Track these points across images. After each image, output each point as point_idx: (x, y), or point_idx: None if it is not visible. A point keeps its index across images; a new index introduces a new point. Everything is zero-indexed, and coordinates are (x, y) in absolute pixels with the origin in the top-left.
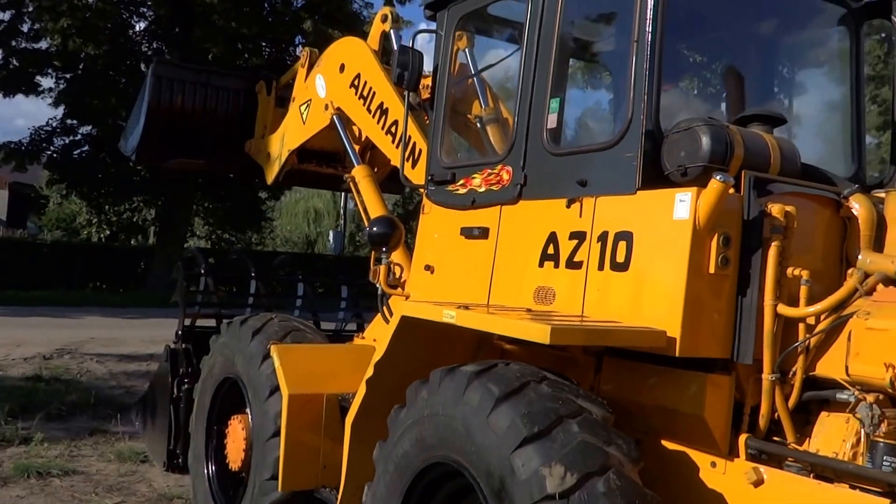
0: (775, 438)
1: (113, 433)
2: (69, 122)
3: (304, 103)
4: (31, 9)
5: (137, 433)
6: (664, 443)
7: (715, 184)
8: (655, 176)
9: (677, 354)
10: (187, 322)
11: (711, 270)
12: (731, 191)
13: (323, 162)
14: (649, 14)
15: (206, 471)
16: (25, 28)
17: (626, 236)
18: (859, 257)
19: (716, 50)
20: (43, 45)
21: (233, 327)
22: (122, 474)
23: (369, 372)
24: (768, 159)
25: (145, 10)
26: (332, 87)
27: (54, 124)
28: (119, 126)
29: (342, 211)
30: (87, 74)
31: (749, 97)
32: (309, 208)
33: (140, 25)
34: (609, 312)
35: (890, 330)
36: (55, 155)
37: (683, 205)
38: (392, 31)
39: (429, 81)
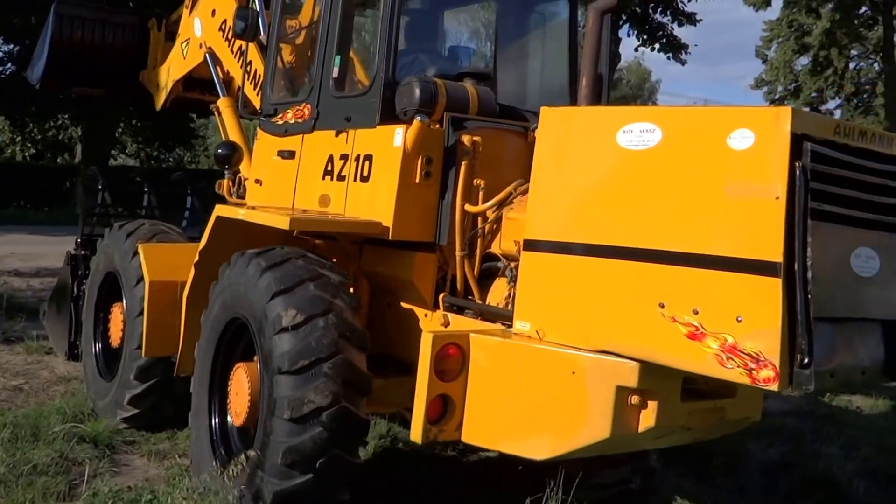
0: (470, 297)
1: (23, 333)
2: None
3: (185, 41)
4: None
5: (44, 332)
6: (402, 304)
7: (416, 122)
8: (392, 115)
9: (391, 238)
10: (86, 231)
11: (417, 181)
12: (437, 126)
13: (206, 91)
14: None
15: (93, 350)
16: None
17: (369, 157)
18: None
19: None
20: None
21: (113, 231)
22: (29, 363)
23: (196, 258)
24: (467, 104)
25: None
26: (206, 28)
27: None
28: None
29: None
30: None
31: (497, 56)
32: (247, 125)
33: None
34: (359, 211)
35: (517, 218)
36: None
37: (398, 136)
38: None
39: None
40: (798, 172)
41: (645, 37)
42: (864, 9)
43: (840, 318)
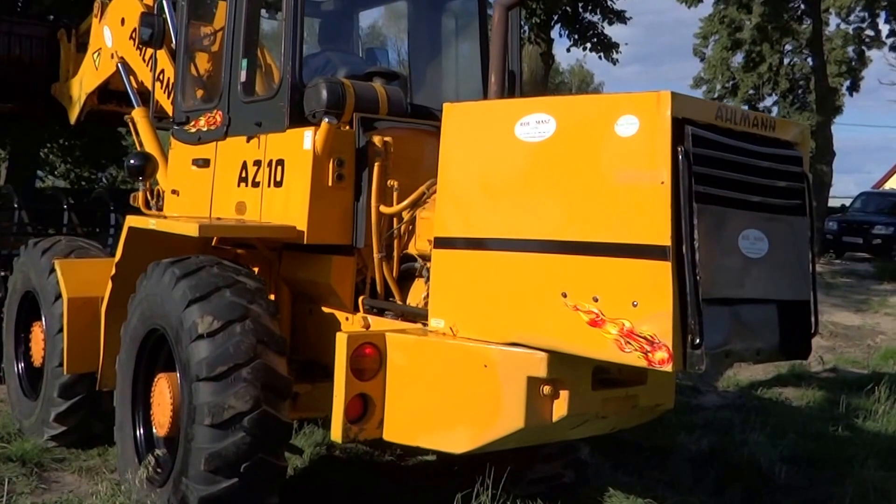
0: (391, 299)
1: None
2: None
3: (96, 51)
4: None
5: None
6: (323, 308)
7: (324, 124)
8: (301, 119)
9: (305, 242)
10: (4, 251)
11: (330, 184)
12: (347, 128)
13: (122, 102)
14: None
15: (16, 370)
16: None
17: (281, 162)
18: None
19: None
20: None
21: (28, 248)
22: None
23: (112, 271)
24: (377, 104)
25: None
26: (116, 38)
27: None
28: None
29: None
30: None
31: (410, 55)
32: (166, 136)
33: None
34: (274, 217)
35: (428, 218)
36: None
37: (308, 139)
38: None
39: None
40: (681, 157)
41: (576, 37)
42: (793, 3)
43: (734, 300)
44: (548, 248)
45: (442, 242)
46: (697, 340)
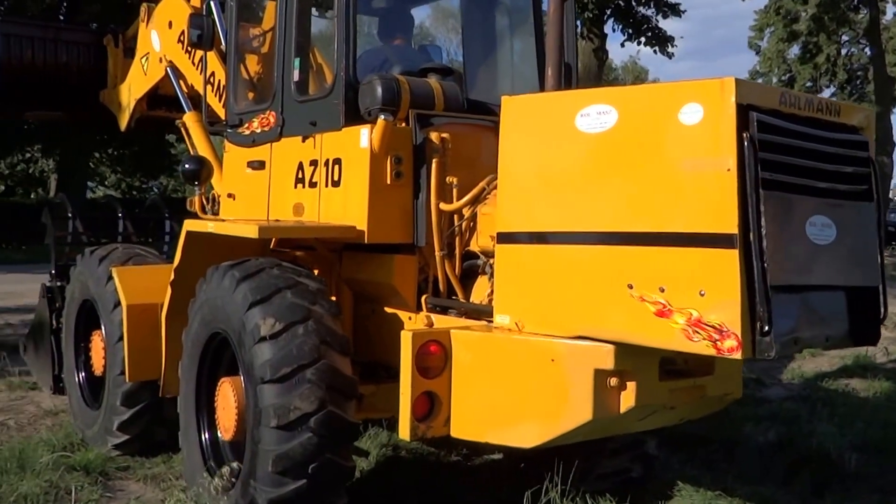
0: (454, 297)
1: (4, 370)
2: None
3: (143, 56)
4: None
5: (27, 368)
6: (386, 308)
7: (381, 121)
8: (356, 116)
9: (366, 241)
10: (61, 261)
11: (388, 182)
12: (404, 125)
13: (173, 108)
14: None
15: (76, 380)
16: None
17: (338, 161)
18: None
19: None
20: None
21: (85, 257)
22: (13, 399)
23: (171, 276)
24: (433, 100)
25: None
26: (164, 41)
27: None
28: None
29: None
30: None
31: (464, 50)
32: (219, 140)
33: None
34: (332, 217)
35: (489, 213)
36: None
37: (364, 137)
38: None
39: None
40: (746, 143)
41: (630, 31)
42: None
43: (803, 286)
44: (612, 240)
45: (505, 238)
46: (766, 328)
